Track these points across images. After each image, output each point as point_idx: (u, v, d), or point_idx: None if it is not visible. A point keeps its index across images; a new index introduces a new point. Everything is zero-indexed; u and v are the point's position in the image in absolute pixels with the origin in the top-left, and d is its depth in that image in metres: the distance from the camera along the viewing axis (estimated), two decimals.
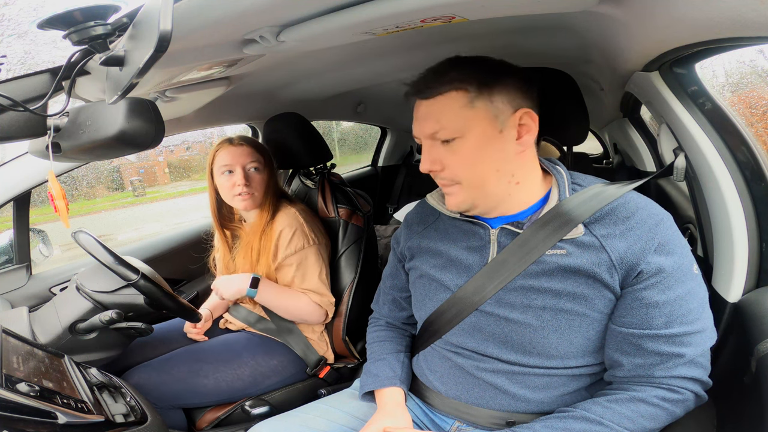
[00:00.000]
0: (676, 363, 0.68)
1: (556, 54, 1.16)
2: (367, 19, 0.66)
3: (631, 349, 0.70)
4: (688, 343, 0.68)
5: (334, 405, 0.93)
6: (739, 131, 0.80)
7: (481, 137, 0.72)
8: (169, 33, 0.47)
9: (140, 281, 1.06)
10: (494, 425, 0.79)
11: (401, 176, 2.82)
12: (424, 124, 0.75)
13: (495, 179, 0.75)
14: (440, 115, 0.72)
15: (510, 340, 0.76)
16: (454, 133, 0.72)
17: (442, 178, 0.77)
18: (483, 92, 0.71)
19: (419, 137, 0.78)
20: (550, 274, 0.73)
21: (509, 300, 0.76)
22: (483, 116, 0.72)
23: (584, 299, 0.71)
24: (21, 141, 0.73)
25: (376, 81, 1.54)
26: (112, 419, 0.79)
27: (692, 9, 0.53)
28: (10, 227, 1.34)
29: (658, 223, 0.70)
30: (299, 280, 1.27)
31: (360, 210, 1.45)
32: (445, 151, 0.75)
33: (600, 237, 0.71)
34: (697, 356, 0.68)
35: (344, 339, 1.37)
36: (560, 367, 0.75)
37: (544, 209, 0.77)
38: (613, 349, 0.72)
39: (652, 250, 0.68)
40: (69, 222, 0.75)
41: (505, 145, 0.73)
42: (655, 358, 0.69)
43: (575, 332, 0.73)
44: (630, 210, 0.72)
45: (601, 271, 0.70)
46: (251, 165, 1.25)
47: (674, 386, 0.68)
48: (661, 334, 0.68)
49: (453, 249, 0.84)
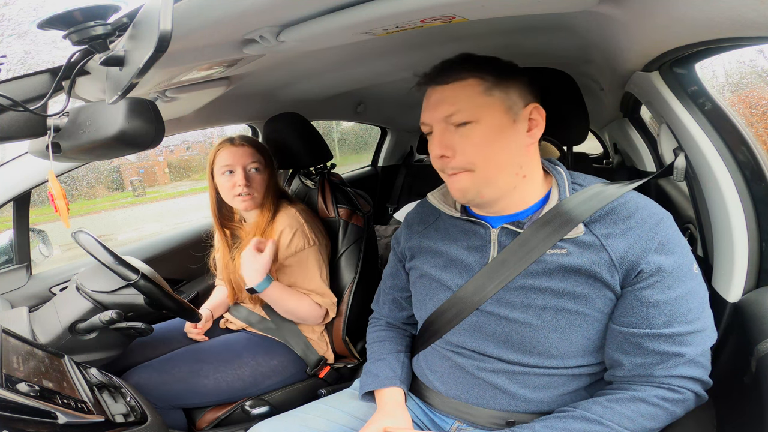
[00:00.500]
0: (676, 362, 0.68)
1: (556, 54, 1.16)
2: (367, 19, 0.66)
3: (632, 348, 0.70)
4: (688, 343, 0.68)
5: (334, 405, 0.93)
6: (739, 131, 0.80)
7: (496, 125, 0.73)
8: (169, 33, 0.47)
9: (140, 281, 1.06)
10: (494, 425, 0.79)
11: (401, 176, 2.82)
12: (439, 108, 0.74)
13: (505, 168, 0.75)
14: (457, 99, 0.73)
15: (510, 340, 0.76)
16: (470, 117, 0.72)
17: (453, 168, 0.75)
18: (499, 83, 0.73)
19: (430, 123, 0.77)
20: (551, 274, 0.73)
21: (510, 299, 0.76)
22: (499, 105, 0.73)
23: (584, 299, 0.71)
24: (21, 141, 0.73)
25: (376, 81, 1.54)
26: (112, 419, 0.79)
27: (692, 9, 0.53)
28: (10, 227, 1.34)
29: (658, 223, 0.70)
30: (300, 281, 1.27)
31: (360, 210, 1.45)
32: (458, 137, 0.74)
33: (600, 236, 0.71)
34: (697, 356, 0.68)
35: (344, 339, 1.37)
36: (560, 366, 0.75)
37: (545, 209, 0.77)
38: (614, 348, 0.72)
39: (652, 250, 0.68)
40: (69, 222, 0.75)
41: (517, 136, 0.75)
42: (656, 357, 0.68)
43: (575, 332, 0.73)
44: (630, 209, 0.72)
45: (601, 271, 0.70)
46: (252, 165, 1.25)
47: (674, 386, 0.68)
48: (661, 333, 0.68)
49: (453, 248, 0.84)
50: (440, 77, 0.75)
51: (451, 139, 0.74)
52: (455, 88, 0.73)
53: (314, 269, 1.28)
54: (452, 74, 0.74)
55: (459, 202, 0.85)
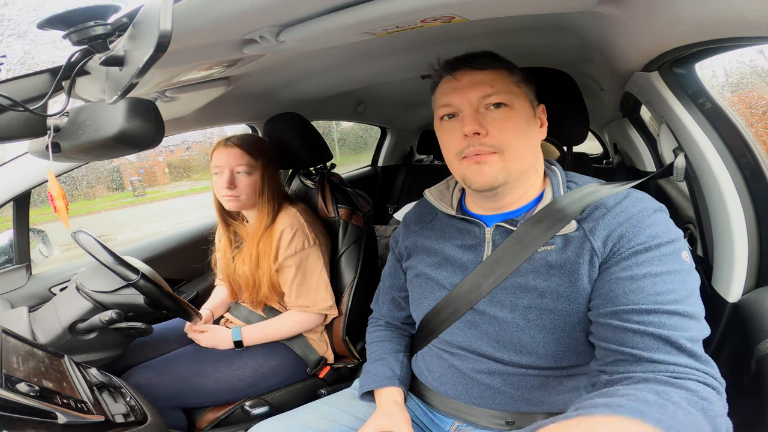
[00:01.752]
0: (668, 349, 0.60)
1: (556, 54, 1.16)
2: (367, 19, 0.67)
3: (616, 333, 0.64)
4: (672, 327, 0.61)
5: (334, 405, 0.93)
6: (739, 131, 0.80)
7: (525, 113, 0.77)
8: (169, 33, 0.47)
9: (140, 281, 1.06)
10: (494, 425, 0.79)
11: (401, 176, 2.82)
12: (475, 89, 0.75)
13: (530, 155, 0.78)
14: (495, 82, 0.75)
15: (502, 339, 0.76)
16: (506, 100, 0.75)
17: (483, 144, 0.74)
18: (524, 79, 0.78)
19: (459, 105, 0.76)
20: (537, 272, 0.73)
21: (500, 298, 0.76)
22: (525, 96, 0.78)
23: (567, 298, 0.71)
24: (21, 141, 0.73)
25: (376, 81, 1.54)
26: (112, 419, 0.79)
27: (692, 9, 0.53)
28: (10, 227, 1.34)
29: (646, 209, 0.69)
30: (299, 281, 1.27)
31: (360, 210, 1.45)
32: (492, 117, 0.75)
33: (587, 229, 0.71)
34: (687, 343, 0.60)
35: (344, 339, 1.37)
36: (552, 366, 0.75)
37: (538, 207, 0.77)
38: (599, 338, 0.67)
39: (636, 231, 0.66)
40: (69, 222, 0.75)
41: (537, 129, 0.80)
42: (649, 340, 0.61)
43: (560, 331, 0.72)
44: (619, 197, 0.72)
45: (583, 262, 0.69)
46: (239, 168, 1.24)
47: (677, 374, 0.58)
48: (642, 309, 0.62)
49: (448, 247, 0.84)
50: (475, 63, 0.77)
51: (484, 118, 0.75)
52: (490, 73, 0.76)
53: (314, 269, 1.28)
54: (486, 61, 0.77)
55: (453, 193, 0.88)
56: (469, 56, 0.78)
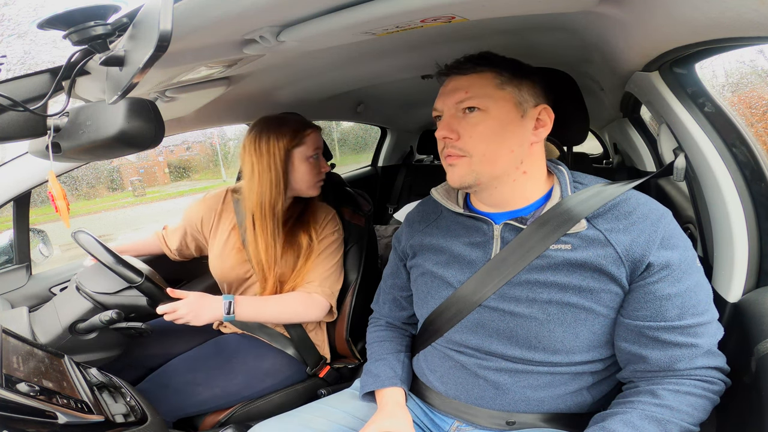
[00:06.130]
0: (694, 353, 0.68)
1: (556, 54, 1.16)
2: (367, 19, 0.67)
3: (649, 342, 0.71)
4: (701, 334, 0.69)
5: (334, 405, 0.93)
6: (739, 131, 0.80)
7: (503, 118, 0.76)
8: (169, 33, 0.47)
9: (144, 283, 1.06)
10: (494, 425, 0.79)
11: (401, 176, 2.82)
12: (452, 95, 0.79)
13: (507, 159, 0.77)
14: (471, 87, 0.77)
15: (515, 335, 0.77)
16: (479, 104, 0.76)
17: (453, 147, 0.78)
18: (514, 80, 0.77)
19: (441, 109, 0.81)
20: (556, 268, 0.74)
21: (514, 294, 0.76)
22: (509, 99, 0.77)
23: (590, 293, 0.72)
24: (21, 141, 0.73)
25: (376, 81, 1.54)
26: (112, 419, 0.79)
27: (692, 9, 0.53)
28: (10, 227, 1.34)
29: (660, 218, 0.72)
30: (321, 260, 1.27)
31: (360, 210, 1.45)
32: (465, 122, 0.77)
33: (604, 231, 0.72)
34: (712, 346, 0.69)
35: (347, 339, 1.36)
36: (564, 363, 0.75)
37: (546, 206, 0.78)
38: (630, 342, 0.72)
39: (656, 244, 0.69)
40: (69, 222, 0.75)
41: (523, 132, 0.78)
42: (674, 350, 0.69)
43: (581, 326, 0.73)
44: (632, 206, 0.74)
45: (607, 263, 0.71)
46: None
47: (704, 377, 0.69)
48: (676, 325, 0.69)
49: (456, 245, 0.84)
50: (460, 68, 0.79)
51: (458, 123, 0.78)
52: (472, 78, 0.78)
53: (335, 255, 1.29)
54: (471, 66, 0.78)
55: (458, 192, 0.89)
56: (459, 61, 0.80)
